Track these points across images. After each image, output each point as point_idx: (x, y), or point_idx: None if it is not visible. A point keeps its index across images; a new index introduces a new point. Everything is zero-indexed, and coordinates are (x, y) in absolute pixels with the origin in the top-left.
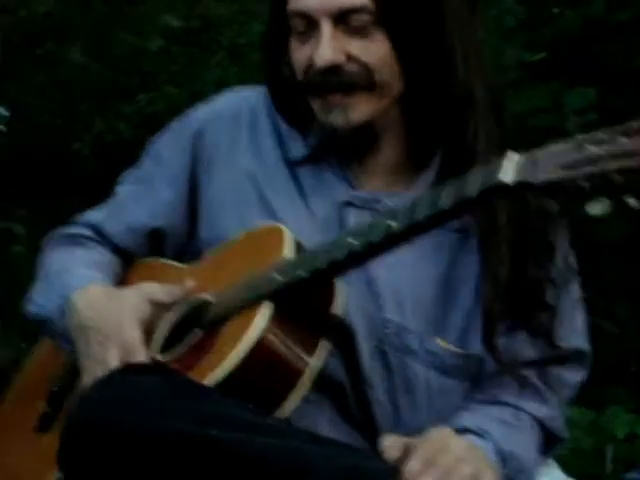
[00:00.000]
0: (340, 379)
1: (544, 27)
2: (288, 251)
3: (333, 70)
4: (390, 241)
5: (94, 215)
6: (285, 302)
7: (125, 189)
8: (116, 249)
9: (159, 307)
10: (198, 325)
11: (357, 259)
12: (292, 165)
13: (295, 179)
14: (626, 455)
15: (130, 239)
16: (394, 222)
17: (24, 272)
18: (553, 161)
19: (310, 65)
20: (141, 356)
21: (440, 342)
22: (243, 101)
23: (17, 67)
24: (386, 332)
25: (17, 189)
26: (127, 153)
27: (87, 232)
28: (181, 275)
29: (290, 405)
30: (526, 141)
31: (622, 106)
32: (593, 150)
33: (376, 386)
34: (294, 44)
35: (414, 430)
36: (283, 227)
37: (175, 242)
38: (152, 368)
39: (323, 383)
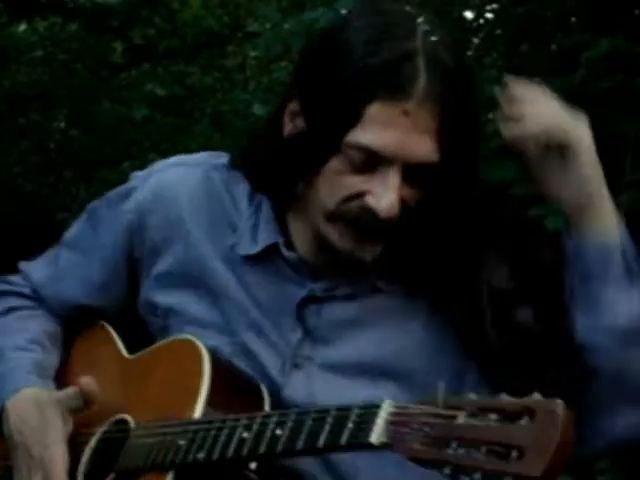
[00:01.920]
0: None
1: None
2: (199, 408)
3: (384, 219)
4: (271, 451)
5: (35, 273)
6: (189, 473)
7: (65, 256)
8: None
9: (75, 410)
10: (114, 460)
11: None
12: (239, 260)
13: (241, 276)
14: None
15: (65, 310)
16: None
17: None
18: (422, 431)
19: (355, 197)
20: None
21: None
22: (183, 181)
23: (1, 136)
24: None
25: (1, 260)
26: None
27: (27, 291)
28: (117, 371)
29: None
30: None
31: (604, 174)
32: (462, 422)
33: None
34: (338, 168)
35: None
36: (204, 353)
37: (115, 311)
38: None
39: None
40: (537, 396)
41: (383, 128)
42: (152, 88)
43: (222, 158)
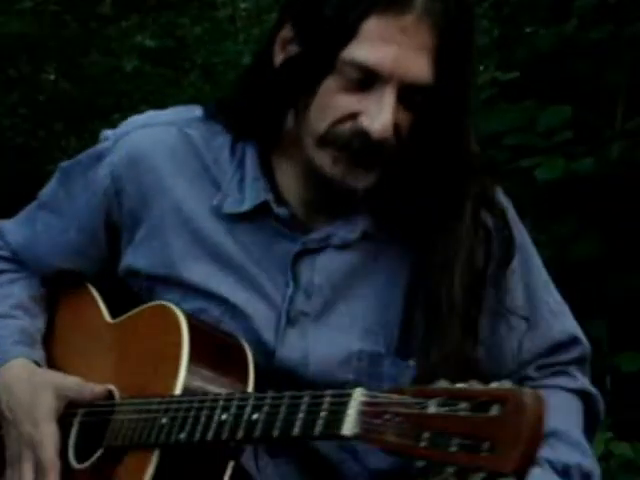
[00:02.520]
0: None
1: (517, 46)
2: (179, 384)
3: (384, 140)
4: (249, 437)
5: (13, 235)
6: (175, 452)
7: (41, 217)
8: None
9: (71, 400)
10: (101, 436)
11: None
12: (226, 218)
13: (232, 234)
14: (602, 474)
15: (45, 272)
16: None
17: None
18: (393, 422)
19: (348, 118)
20: (52, 477)
21: (412, 362)
22: (160, 142)
23: None
24: (360, 364)
25: None
26: None
27: (6, 254)
28: (100, 336)
29: None
30: (500, 160)
31: (596, 123)
32: (433, 412)
33: None
34: (332, 86)
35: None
36: (181, 321)
37: (94, 273)
38: None
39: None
40: (507, 384)
41: (380, 44)
42: (142, 40)
43: (195, 111)
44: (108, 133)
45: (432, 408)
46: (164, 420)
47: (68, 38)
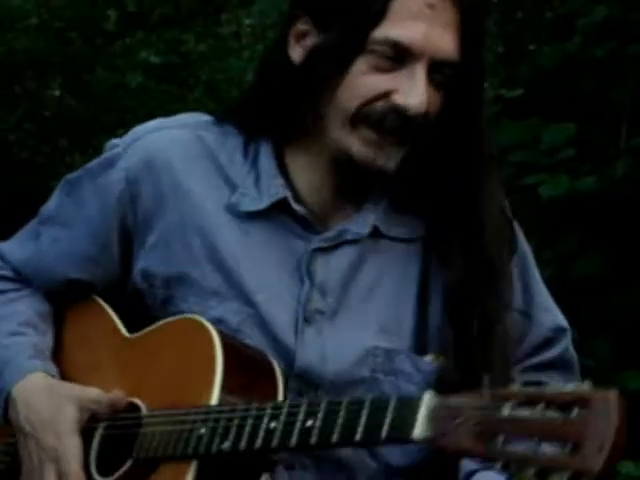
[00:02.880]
0: None
1: (521, 63)
2: (215, 395)
3: (413, 117)
4: (303, 444)
5: (14, 254)
6: (213, 463)
7: (46, 231)
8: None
9: (93, 412)
10: (129, 448)
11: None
12: (242, 217)
13: (248, 233)
14: None
15: (51, 286)
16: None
17: None
18: (466, 425)
19: (380, 97)
20: None
21: (428, 358)
22: (176, 144)
23: None
24: (376, 360)
25: None
26: None
27: (7, 273)
28: (117, 351)
29: None
30: (504, 177)
31: (600, 141)
32: (509, 414)
33: None
34: (362, 67)
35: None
36: (214, 335)
37: (104, 284)
38: None
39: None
40: (587, 385)
41: (410, 21)
42: (146, 56)
43: (203, 116)
44: (115, 141)
45: (506, 410)
46: (202, 430)
47: (73, 54)
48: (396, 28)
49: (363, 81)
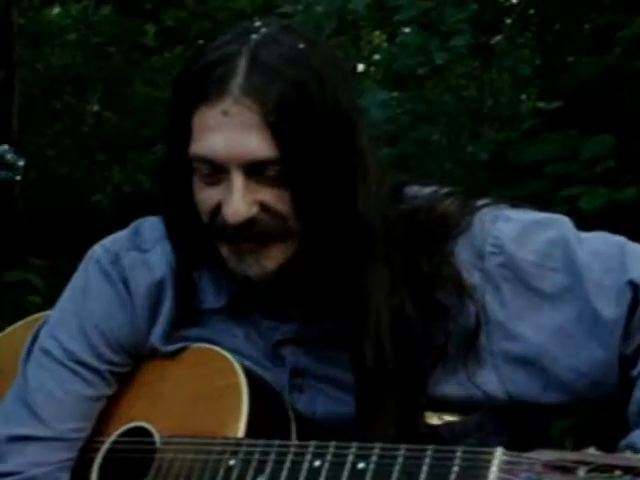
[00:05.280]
0: None
1: (560, 75)
2: (242, 426)
3: (246, 223)
4: None
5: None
6: None
7: (23, 388)
8: None
9: None
10: (141, 474)
11: None
12: (204, 314)
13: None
14: None
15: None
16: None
17: None
18: None
19: (217, 210)
20: None
21: None
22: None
23: (35, 119)
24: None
25: (35, 240)
26: (146, 203)
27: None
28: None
29: None
30: (541, 189)
31: (639, 152)
32: (583, 476)
33: None
34: (198, 184)
35: None
36: (235, 365)
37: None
38: None
39: None
40: None
41: (208, 133)
42: None
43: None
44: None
45: (582, 472)
46: (232, 462)
47: (111, 69)
48: (198, 143)
49: (202, 196)
